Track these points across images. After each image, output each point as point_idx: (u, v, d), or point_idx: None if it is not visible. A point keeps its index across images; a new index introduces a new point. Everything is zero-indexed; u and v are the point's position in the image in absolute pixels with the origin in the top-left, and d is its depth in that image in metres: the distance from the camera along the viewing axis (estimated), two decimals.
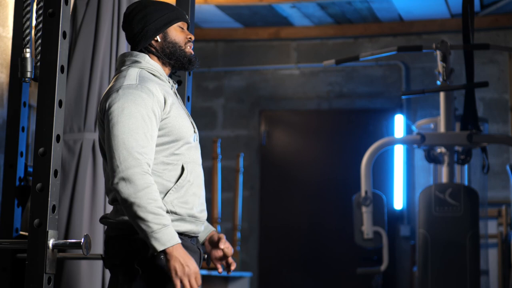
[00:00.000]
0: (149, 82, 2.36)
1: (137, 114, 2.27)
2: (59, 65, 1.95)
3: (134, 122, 2.26)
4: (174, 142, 2.38)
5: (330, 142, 6.68)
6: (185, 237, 2.39)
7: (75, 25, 3.40)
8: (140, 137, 2.26)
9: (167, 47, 2.46)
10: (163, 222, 2.21)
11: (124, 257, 2.32)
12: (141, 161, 2.24)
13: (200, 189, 2.45)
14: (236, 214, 5.89)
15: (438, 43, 4.76)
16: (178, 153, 2.38)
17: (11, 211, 2.82)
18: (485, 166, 4.97)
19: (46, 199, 1.90)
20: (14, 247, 2.42)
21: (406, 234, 6.27)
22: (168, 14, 2.47)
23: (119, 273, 2.36)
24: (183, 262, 2.22)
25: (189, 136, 2.41)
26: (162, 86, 2.41)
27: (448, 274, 4.64)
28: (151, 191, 2.23)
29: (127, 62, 2.45)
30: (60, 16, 1.96)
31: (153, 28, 2.44)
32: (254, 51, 6.81)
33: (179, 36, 2.48)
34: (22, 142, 2.88)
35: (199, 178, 2.45)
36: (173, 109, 2.38)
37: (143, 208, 2.20)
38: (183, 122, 2.40)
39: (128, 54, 2.47)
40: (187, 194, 2.39)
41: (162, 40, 2.46)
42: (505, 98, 6.25)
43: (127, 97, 2.29)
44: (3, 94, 3.44)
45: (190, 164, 2.41)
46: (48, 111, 1.93)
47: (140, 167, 2.23)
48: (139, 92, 2.31)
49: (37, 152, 1.92)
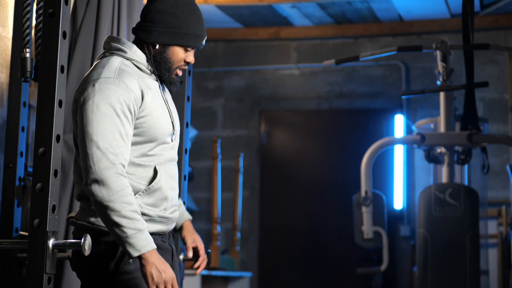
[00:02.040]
0: (128, 76, 2.25)
1: (112, 112, 2.18)
2: (59, 65, 1.95)
3: (109, 121, 2.17)
4: (148, 143, 2.29)
5: (330, 142, 6.68)
6: (156, 236, 2.32)
7: (75, 25, 3.40)
8: (115, 136, 2.17)
9: (159, 60, 2.34)
10: (138, 227, 2.15)
11: (90, 261, 2.24)
12: (116, 162, 2.16)
13: (173, 191, 2.37)
14: (236, 214, 5.89)
15: (438, 43, 4.76)
16: (151, 154, 2.30)
17: (11, 211, 2.82)
18: (485, 166, 4.96)
19: (46, 199, 1.89)
20: (14, 247, 2.42)
21: (406, 234, 6.27)
22: (188, 34, 2.33)
23: (84, 277, 2.30)
24: (159, 268, 2.16)
25: (165, 136, 2.32)
26: (143, 80, 2.31)
27: (448, 274, 4.64)
28: (126, 194, 2.16)
29: (112, 48, 2.34)
30: (60, 16, 1.96)
31: (162, 34, 2.32)
32: (254, 51, 6.81)
33: (178, 57, 2.36)
34: (22, 142, 2.88)
35: (172, 179, 2.37)
36: (152, 107, 2.28)
37: (117, 212, 2.13)
38: (160, 122, 2.31)
39: (117, 39, 2.35)
40: (158, 199, 2.31)
41: (159, 50, 2.34)
42: (505, 98, 6.24)
43: (103, 92, 2.19)
44: (3, 94, 3.44)
45: (164, 166, 2.33)
46: (48, 111, 1.93)
47: (114, 168, 2.15)
48: (116, 88, 2.20)
49: (37, 152, 1.92)
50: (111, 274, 2.24)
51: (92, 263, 2.26)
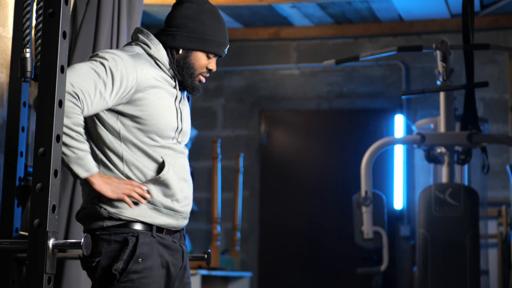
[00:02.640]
0: (141, 61, 2.29)
1: (103, 69, 2.22)
2: (59, 65, 1.95)
3: (96, 74, 2.21)
4: (153, 133, 2.30)
5: (330, 142, 6.68)
6: (165, 235, 2.32)
7: (75, 25, 3.40)
8: (90, 86, 2.19)
9: (182, 65, 2.38)
10: (86, 148, 2.21)
11: (99, 261, 2.26)
12: (75, 92, 2.16)
13: (185, 183, 2.36)
14: (236, 214, 5.89)
15: (438, 43, 4.76)
16: (158, 145, 2.30)
17: (11, 211, 2.82)
18: (485, 166, 4.96)
19: (46, 199, 1.89)
20: (14, 247, 2.42)
21: (406, 234, 6.27)
22: (212, 40, 2.37)
23: (94, 277, 2.30)
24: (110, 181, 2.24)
25: (169, 129, 2.32)
26: (158, 73, 2.33)
27: (448, 274, 4.64)
28: (74, 115, 2.17)
29: (139, 39, 2.38)
30: (60, 16, 1.96)
31: (186, 39, 2.36)
32: (254, 51, 6.81)
33: (200, 63, 2.40)
34: (22, 142, 2.88)
35: (183, 170, 2.36)
36: (157, 95, 2.30)
37: (66, 132, 2.16)
38: (163, 113, 2.31)
39: (146, 33, 2.39)
40: (167, 188, 2.30)
41: (183, 55, 2.38)
42: (505, 98, 6.25)
43: (108, 55, 2.25)
44: (3, 94, 3.44)
45: (172, 157, 2.33)
46: (48, 111, 1.93)
47: (71, 95, 2.16)
48: (121, 59, 2.25)
49: (37, 152, 1.92)
50: (120, 274, 2.24)
51: (102, 263, 2.26)
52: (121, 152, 2.29)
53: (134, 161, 2.28)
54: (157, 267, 2.28)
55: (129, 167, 2.29)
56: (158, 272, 2.28)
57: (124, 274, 2.24)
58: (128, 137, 2.29)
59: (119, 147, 2.29)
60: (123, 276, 2.24)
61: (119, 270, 2.24)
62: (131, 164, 2.29)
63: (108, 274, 2.26)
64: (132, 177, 2.29)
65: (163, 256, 2.32)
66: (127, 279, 2.24)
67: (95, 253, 2.27)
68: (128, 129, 2.29)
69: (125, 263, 2.24)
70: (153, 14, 6.30)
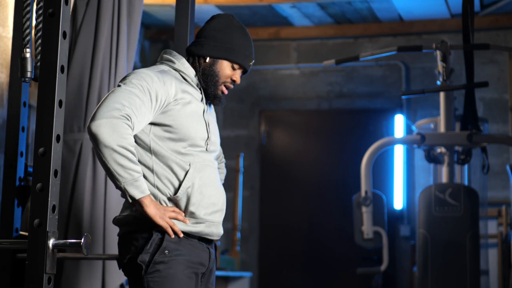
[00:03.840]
0: (168, 76, 2.38)
1: (139, 88, 2.30)
2: (59, 65, 1.95)
3: (134, 93, 2.28)
4: (182, 141, 2.37)
5: (330, 142, 6.68)
6: (200, 242, 2.39)
7: (75, 25, 3.40)
8: (135, 101, 2.27)
9: (207, 73, 2.47)
10: (140, 170, 2.27)
11: (130, 257, 2.33)
12: (124, 110, 2.24)
13: (215, 189, 2.42)
14: (236, 214, 5.89)
15: (438, 43, 4.76)
16: (185, 153, 2.37)
17: (11, 211, 2.82)
18: (485, 166, 4.96)
19: (46, 199, 1.90)
20: (14, 247, 2.42)
21: (406, 234, 6.27)
22: (237, 51, 2.49)
23: (128, 274, 2.37)
24: (157, 207, 2.30)
25: (198, 139, 2.40)
26: (185, 86, 2.41)
27: (448, 274, 4.64)
28: (127, 136, 2.23)
29: (163, 58, 2.49)
30: (60, 16, 1.96)
31: (213, 48, 2.46)
32: (254, 51, 6.80)
33: (225, 73, 2.49)
34: (22, 142, 2.88)
35: (211, 178, 2.42)
36: (187, 107, 2.38)
37: (119, 154, 2.22)
38: (194, 123, 2.39)
39: (168, 52, 2.50)
40: (195, 196, 2.36)
41: (209, 63, 2.47)
42: (505, 98, 6.25)
43: (138, 75, 2.34)
44: (3, 94, 3.44)
45: (200, 165, 2.39)
46: (48, 111, 1.93)
47: (120, 112, 2.23)
48: (151, 75, 2.34)
49: (37, 152, 1.92)
50: (147, 266, 2.30)
51: (131, 258, 2.33)
52: (152, 165, 2.36)
53: (164, 172, 2.35)
54: (184, 260, 2.33)
55: (160, 178, 2.36)
56: (185, 264, 2.33)
57: (151, 266, 2.30)
58: (158, 150, 2.36)
59: (150, 160, 2.36)
60: (150, 267, 2.30)
61: (145, 261, 2.30)
62: (161, 175, 2.36)
63: (137, 267, 2.31)
64: (162, 189, 2.35)
65: (190, 254, 2.36)
66: (154, 270, 2.29)
67: (127, 251, 2.35)
68: (159, 141, 2.37)
69: (151, 255, 2.30)
70: (153, 14, 6.30)
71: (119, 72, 3.37)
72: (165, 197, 2.35)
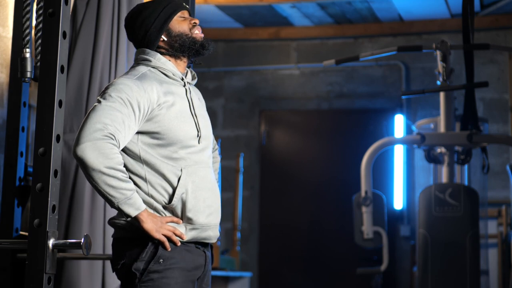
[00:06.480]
0: (147, 80, 2.34)
1: (120, 101, 2.26)
2: (59, 65, 1.95)
3: (116, 108, 2.25)
4: (171, 146, 2.34)
5: (330, 142, 6.68)
6: (197, 246, 2.37)
7: (75, 25, 3.40)
8: (117, 119, 2.24)
9: (175, 42, 2.43)
10: (133, 187, 2.25)
11: (124, 262, 2.31)
12: (107, 129, 2.21)
13: (208, 192, 2.39)
14: (236, 214, 5.89)
15: (438, 43, 4.76)
16: (176, 157, 2.34)
17: (11, 211, 2.82)
18: (485, 166, 4.97)
19: (46, 199, 1.90)
20: (14, 247, 2.42)
21: (406, 234, 6.27)
22: (164, 11, 2.44)
23: (121, 278, 2.35)
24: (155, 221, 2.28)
25: (188, 139, 2.36)
26: (167, 86, 2.38)
27: (448, 274, 4.64)
28: (115, 155, 2.21)
29: (139, 59, 2.45)
30: (60, 16, 1.96)
31: (154, 30, 2.42)
32: (254, 51, 6.81)
33: (183, 26, 2.45)
34: (22, 142, 2.88)
35: (205, 181, 2.39)
36: (172, 110, 2.35)
37: (110, 176, 2.20)
38: (181, 125, 2.35)
39: (141, 51, 2.45)
40: (189, 201, 2.34)
41: (167, 37, 2.43)
42: (505, 98, 6.24)
43: (118, 86, 2.29)
44: (3, 94, 3.43)
45: (192, 168, 2.36)
46: (48, 111, 1.93)
47: (103, 131, 2.20)
48: (131, 84, 2.30)
49: (37, 152, 1.92)
50: (141, 273, 2.28)
51: (125, 264, 2.31)
52: (144, 174, 2.34)
53: (157, 180, 2.33)
54: (179, 269, 2.31)
55: (154, 187, 2.33)
56: (180, 273, 2.31)
57: (145, 274, 2.28)
58: (149, 158, 2.34)
59: (142, 170, 2.34)
60: (144, 275, 2.28)
61: (140, 270, 2.28)
62: (155, 183, 2.33)
63: (131, 274, 2.30)
64: (157, 197, 2.33)
65: (186, 261, 2.35)
66: (148, 279, 2.28)
67: (120, 256, 2.32)
68: (148, 148, 2.34)
69: (146, 263, 2.28)
70: None
71: (119, 72, 3.36)
72: (160, 205, 2.33)
